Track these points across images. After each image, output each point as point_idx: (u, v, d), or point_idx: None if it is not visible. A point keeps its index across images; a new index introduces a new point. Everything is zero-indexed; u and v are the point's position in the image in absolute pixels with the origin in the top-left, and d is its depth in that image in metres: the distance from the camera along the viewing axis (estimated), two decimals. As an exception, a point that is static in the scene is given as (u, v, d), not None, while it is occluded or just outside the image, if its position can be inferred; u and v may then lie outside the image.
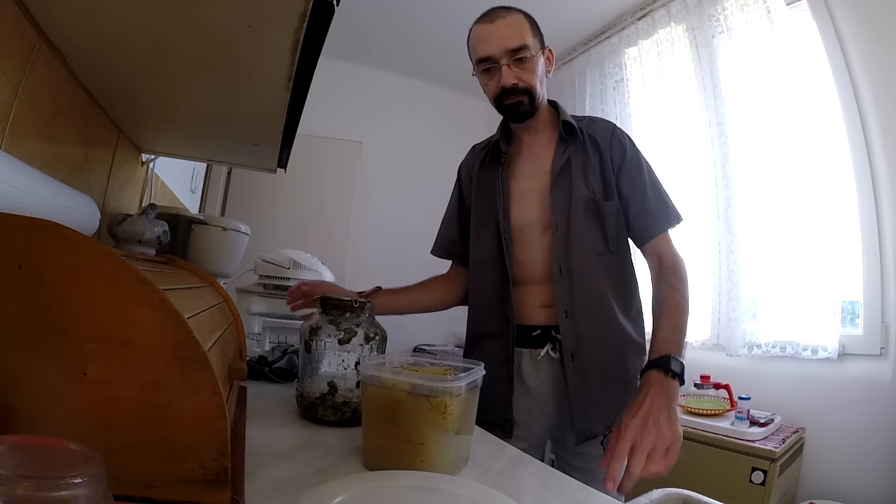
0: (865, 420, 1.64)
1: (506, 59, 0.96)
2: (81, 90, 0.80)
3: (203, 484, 0.38)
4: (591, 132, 1.05)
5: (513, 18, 0.98)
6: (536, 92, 1.01)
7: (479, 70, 1.02)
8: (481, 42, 0.99)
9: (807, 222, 1.83)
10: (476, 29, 1.01)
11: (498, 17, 0.97)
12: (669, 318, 0.87)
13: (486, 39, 0.98)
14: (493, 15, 0.99)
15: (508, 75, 0.97)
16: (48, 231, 0.37)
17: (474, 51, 1.01)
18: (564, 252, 0.99)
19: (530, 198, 1.05)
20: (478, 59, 1.00)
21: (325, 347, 0.77)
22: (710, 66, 2.21)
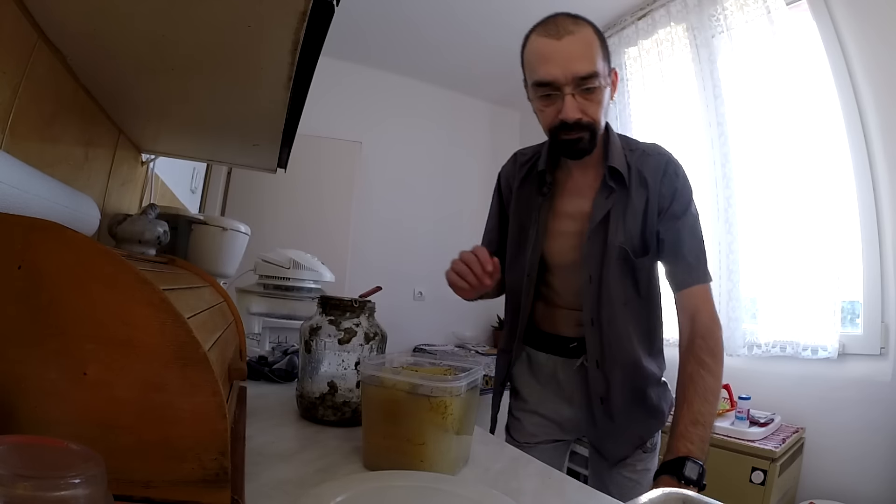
0: (865, 420, 1.64)
1: (571, 88, 0.83)
2: (81, 90, 0.80)
3: (203, 484, 0.38)
4: (641, 168, 0.93)
5: (582, 35, 0.83)
6: (599, 126, 0.88)
7: (535, 93, 0.88)
8: (544, 61, 0.83)
9: (807, 222, 1.83)
10: (537, 42, 0.85)
11: (566, 33, 0.82)
12: (692, 407, 0.78)
13: (550, 59, 0.83)
14: (558, 27, 0.83)
15: (573, 108, 0.83)
16: (48, 231, 0.37)
17: (532, 69, 0.86)
18: (596, 305, 0.94)
19: (568, 239, 0.98)
20: (537, 81, 0.85)
21: (325, 347, 0.77)
22: (710, 66, 2.21)
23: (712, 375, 0.81)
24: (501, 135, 3.92)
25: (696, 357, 0.83)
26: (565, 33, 0.82)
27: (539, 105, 0.89)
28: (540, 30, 0.87)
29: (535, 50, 0.86)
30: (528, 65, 0.89)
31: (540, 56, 0.85)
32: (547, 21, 0.87)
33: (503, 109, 3.93)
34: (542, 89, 0.85)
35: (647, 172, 0.93)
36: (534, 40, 0.87)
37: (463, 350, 3.27)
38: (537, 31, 0.87)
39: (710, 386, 0.80)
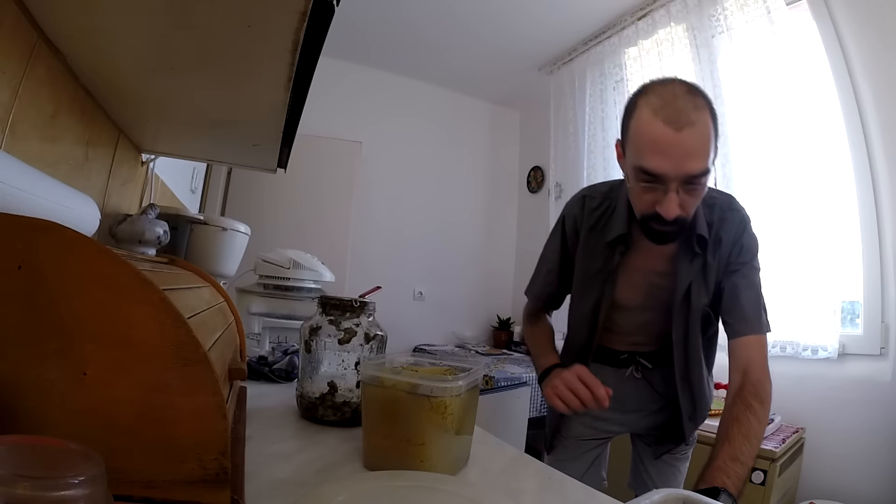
0: (865, 420, 1.64)
1: (678, 184, 0.78)
2: (81, 90, 0.80)
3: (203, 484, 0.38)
4: (720, 229, 0.93)
5: (702, 126, 0.76)
6: (691, 216, 0.84)
7: (635, 176, 0.82)
8: (657, 152, 0.77)
9: (807, 222, 1.83)
10: (653, 126, 0.77)
11: (686, 123, 0.75)
12: (734, 444, 0.78)
13: (664, 153, 0.76)
14: (679, 115, 0.75)
15: (674, 205, 0.78)
16: (48, 231, 0.37)
17: (640, 153, 0.79)
18: (685, 365, 0.99)
19: (638, 288, 1.00)
20: (644, 170, 0.79)
21: (325, 347, 0.77)
22: (710, 66, 2.21)
23: (757, 420, 0.81)
24: (501, 135, 3.92)
25: (745, 401, 0.83)
26: (686, 124, 0.75)
27: (637, 188, 0.83)
28: (658, 107, 0.77)
29: (648, 134, 0.78)
30: (636, 144, 0.81)
31: (653, 145, 0.77)
32: (665, 96, 0.77)
33: (503, 109, 3.93)
34: (645, 176, 0.80)
35: (724, 233, 0.92)
36: (649, 120, 0.77)
37: (463, 350, 3.27)
38: (654, 109, 0.77)
39: (754, 428, 0.80)
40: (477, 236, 3.77)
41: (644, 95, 0.81)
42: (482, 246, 3.77)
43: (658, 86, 0.81)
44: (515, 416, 2.34)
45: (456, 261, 3.64)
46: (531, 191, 3.74)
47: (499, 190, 3.86)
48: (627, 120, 0.84)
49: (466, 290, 3.65)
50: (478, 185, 3.82)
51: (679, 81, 0.81)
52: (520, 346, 3.29)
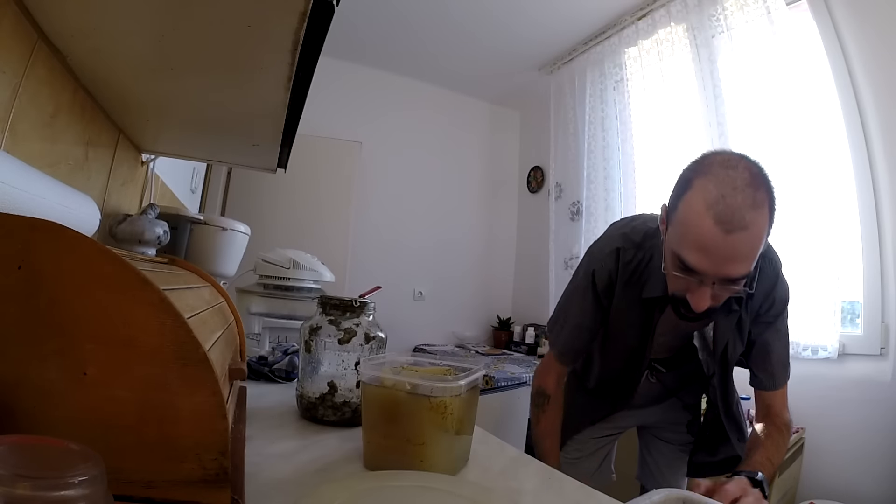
0: (865, 420, 1.64)
1: (714, 282, 0.74)
2: (81, 90, 0.80)
3: (203, 484, 0.38)
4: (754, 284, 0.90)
5: (756, 229, 0.69)
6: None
7: (673, 261, 0.78)
8: (700, 250, 0.72)
9: (807, 222, 1.83)
10: (703, 222, 0.70)
11: (739, 228, 0.68)
12: (767, 450, 0.87)
13: (708, 252, 0.71)
14: (733, 217, 0.68)
15: (705, 300, 0.75)
16: (48, 231, 0.37)
17: (683, 243, 0.74)
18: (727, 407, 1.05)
19: (672, 338, 1.02)
20: (683, 262, 0.75)
21: (325, 347, 0.77)
22: (710, 66, 2.21)
23: (784, 440, 0.92)
24: (501, 135, 3.92)
25: (774, 424, 0.94)
26: (739, 228, 0.68)
27: (672, 273, 0.79)
28: (712, 201, 0.70)
29: (695, 228, 0.72)
30: (680, 230, 0.75)
31: (697, 242, 0.72)
32: (724, 186, 0.70)
33: (503, 109, 3.93)
34: (681, 266, 0.76)
35: (758, 285, 0.88)
36: (699, 213, 0.71)
37: (463, 350, 3.27)
38: (708, 201, 0.70)
39: (781, 446, 0.90)
40: (477, 236, 3.77)
41: (701, 176, 0.73)
42: (482, 246, 3.77)
43: (719, 168, 0.72)
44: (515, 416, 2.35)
45: (456, 261, 3.64)
46: (531, 191, 3.74)
47: (499, 190, 3.86)
48: (678, 196, 0.76)
49: (466, 290, 3.65)
50: (478, 185, 3.82)
51: (743, 165, 0.72)
52: (520, 346, 3.29)
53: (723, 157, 0.74)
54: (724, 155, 0.75)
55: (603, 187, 2.75)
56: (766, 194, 0.71)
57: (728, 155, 0.75)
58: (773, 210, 0.72)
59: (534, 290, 3.44)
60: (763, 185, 0.71)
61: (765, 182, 0.71)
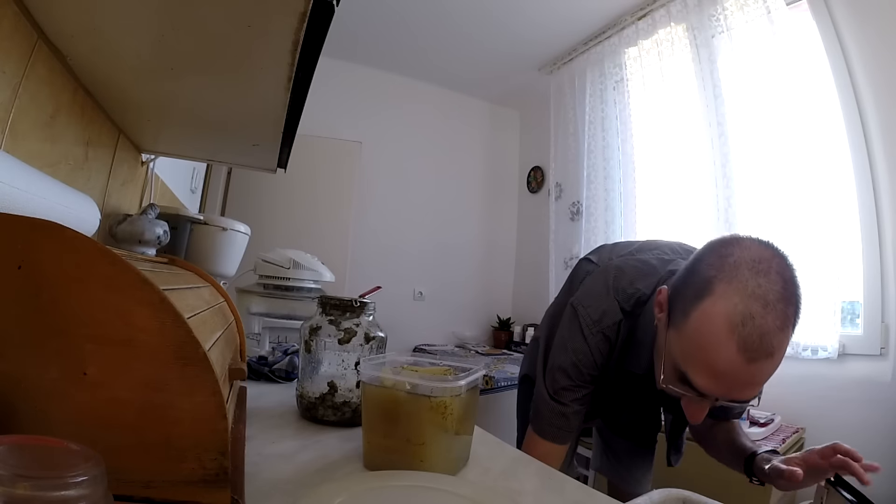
0: (865, 420, 1.64)
1: (719, 399, 0.65)
2: (81, 90, 0.80)
3: (203, 484, 0.38)
4: None
5: (781, 353, 0.60)
6: None
7: (673, 375, 0.67)
8: (712, 376, 0.61)
9: (807, 222, 1.83)
10: (722, 343, 0.59)
11: (765, 356, 0.58)
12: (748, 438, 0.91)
13: (721, 380, 0.61)
14: (762, 345, 0.58)
15: (703, 413, 0.67)
16: (48, 231, 0.37)
17: (689, 361, 0.64)
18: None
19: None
20: (688, 381, 0.64)
21: (325, 347, 0.77)
22: (710, 66, 2.21)
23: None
24: (501, 135, 3.92)
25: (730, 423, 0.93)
26: (764, 356, 0.58)
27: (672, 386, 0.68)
28: (739, 321, 0.58)
29: (714, 353, 0.60)
30: (690, 345, 0.63)
31: (713, 369, 0.61)
32: (753, 303, 0.58)
33: (503, 109, 3.93)
34: (686, 385, 0.65)
35: None
36: (720, 335, 0.59)
37: (463, 350, 3.27)
38: (732, 321, 0.58)
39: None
40: (477, 236, 3.77)
41: (725, 281, 0.61)
42: (482, 246, 3.77)
43: (748, 272, 0.60)
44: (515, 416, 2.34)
45: (456, 261, 3.64)
46: (531, 191, 3.74)
47: (499, 190, 3.86)
48: (694, 298, 0.63)
49: (466, 290, 3.65)
50: (478, 185, 3.82)
51: (776, 268, 0.60)
52: (520, 346, 3.29)
53: (752, 256, 0.61)
54: (752, 250, 0.62)
55: (603, 187, 2.75)
56: (796, 306, 0.60)
57: (757, 250, 0.62)
58: (798, 321, 0.61)
59: (534, 290, 3.44)
60: (794, 292, 0.60)
61: (796, 288, 0.61)
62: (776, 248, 0.63)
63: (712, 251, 0.66)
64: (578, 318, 0.86)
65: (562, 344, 0.88)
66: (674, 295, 0.69)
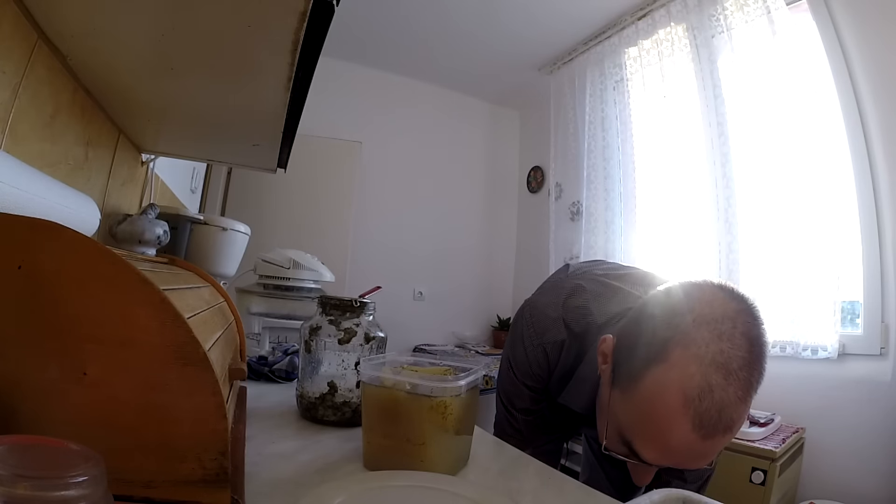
0: (865, 420, 1.64)
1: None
2: (81, 90, 0.80)
3: (203, 484, 0.38)
4: None
5: (739, 426, 0.53)
6: None
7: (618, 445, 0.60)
8: (663, 452, 0.55)
9: (807, 222, 1.83)
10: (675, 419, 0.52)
11: (723, 431, 0.52)
12: None
13: (673, 455, 0.55)
14: (720, 412, 0.51)
15: (649, 477, 0.61)
16: (48, 231, 0.37)
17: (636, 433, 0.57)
18: None
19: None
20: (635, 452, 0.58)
21: (325, 347, 0.77)
22: (710, 66, 2.21)
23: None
24: (501, 135, 3.92)
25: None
26: (721, 432, 0.52)
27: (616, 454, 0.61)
28: (695, 395, 0.51)
29: (665, 429, 0.53)
30: (639, 418, 0.56)
31: (664, 446, 0.54)
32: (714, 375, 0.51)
33: (503, 109, 3.93)
34: (631, 454, 0.59)
35: None
36: (675, 411, 0.51)
37: (463, 350, 3.27)
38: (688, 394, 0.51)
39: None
40: (477, 236, 3.77)
41: (682, 345, 0.53)
42: (482, 246, 3.77)
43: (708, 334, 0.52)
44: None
45: (456, 261, 3.64)
46: (531, 191, 3.74)
47: (499, 190, 3.86)
48: (647, 360, 0.55)
49: (466, 290, 3.65)
50: (478, 184, 3.81)
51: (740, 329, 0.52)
52: (520, 346, 3.29)
53: (714, 314, 0.53)
54: (714, 306, 0.54)
55: (603, 187, 2.75)
56: (760, 370, 0.53)
57: (720, 305, 0.54)
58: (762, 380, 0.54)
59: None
60: (761, 353, 0.53)
61: (762, 348, 0.53)
62: (742, 299, 0.55)
63: (668, 305, 0.57)
64: (523, 324, 0.82)
65: (510, 344, 0.85)
66: (620, 349, 0.61)
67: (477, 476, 0.63)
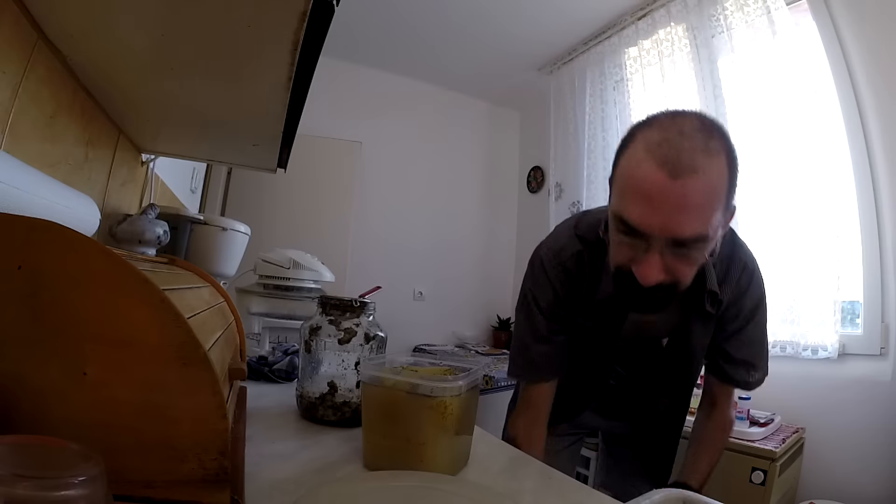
0: (865, 420, 1.64)
1: (663, 245, 0.61)
2: (81, 90, 0.80)
3: (203, 484, 0.38)
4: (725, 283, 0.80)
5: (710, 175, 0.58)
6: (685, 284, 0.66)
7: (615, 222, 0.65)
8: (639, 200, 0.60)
9: (807, 222, 1.83)
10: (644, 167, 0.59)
11: (688, 171, 0.57)
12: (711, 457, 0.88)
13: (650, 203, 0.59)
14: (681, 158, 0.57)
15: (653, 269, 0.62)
16: (48, 231, 0.37)
17: (622, 197, 0.63)
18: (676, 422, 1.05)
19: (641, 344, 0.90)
20: (622, 219, 0.63)
21: (325, 347, 0.77)
22: (710, 66, 2.21)
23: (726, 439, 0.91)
24: (501, 135, 3.92)
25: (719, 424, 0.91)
26: (687, 170, 0.56)
27: (615, 237, 0.66)
28: (655, 144, 0.59)
29: (635, 175, 0.60)
30: (620, 184, 0.64)
31: (638, 191, 0.60)
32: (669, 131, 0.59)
33: (503, 109, 3.93)
34: (623, 227, 0.63)
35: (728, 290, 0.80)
36: (640, 158, 0.60)
37: (463, 350, 3.27)
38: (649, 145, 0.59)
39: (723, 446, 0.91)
40: (477, 236, 3.77)
41: (645, 127, 0.63)
42: (482, 246, 3.77)
43: (665, 117, 0.62)
44: (515, 416, 2.34)
45: (456, 261, 3.64)
46: (531, 191, 3.74)
47: (499, 190, 3.86)
48: (620, 152, 0.65)
49: (466, 290, 3.65)
50: (478, 184, 3.81)
51: (694, 115, 0.61)
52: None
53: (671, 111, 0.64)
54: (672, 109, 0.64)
55: (603, 187, 2.75)
56: (722, 143, 0.59)
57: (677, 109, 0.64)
58: (735, 167, 0.61)
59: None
60: (718, 133, 0.60)
61: (719, 130, 0.61)
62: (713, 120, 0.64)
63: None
64: (540, 258, 0.86)
65: (529, 276, 0.88)
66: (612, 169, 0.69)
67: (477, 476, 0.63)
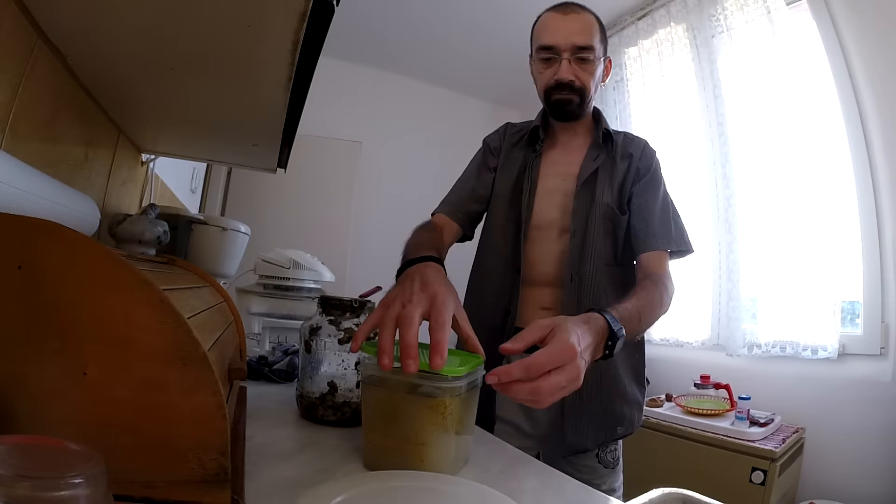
0: (865, 420, 1.64)
1: (568, 54, 0.96)
2: (81, 90, 0.80)
3: (203, 484, 0.38)
4: (625, 145, 1.06)
5: (585, 17, 0.98)
6: (589, 95, 1.00)
7: (537, 57, 1.01)
8: (548, 30, 0.98)
9: (807, 222, 1.83)
10: (546, 16, 1.01)
11: (571, 11, 0.98)
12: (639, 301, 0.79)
13: (554, 29, 0.97)
14: (566, 7, 0.99)
15: (567, 70, 0.96)
16: (48, 231, 0.37)
17: (538, 37, 1.01)
18: (578, 259, 0.98)
19: (554, 197, 1.04)
20: (540, 45, 0.99)
21: (325, 347, 0.77)
22: (710, 66, 2.21)
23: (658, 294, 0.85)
24: (501, 135, 3.92)
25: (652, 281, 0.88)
26: (571, 12, 0.97)
27: (539, 68, 1.02)
28: (551, 8, 1.01)
29: (543, 22, 1.01)
30: (536, 34, 1.02)
31: (545, 26, 0.99)
32: (559, 3, 1.01)
33: (503, 109, 3.92)
34: (543, 52, 0.99)
35: (631, 148, 1.05)
36: (544, 16, 1.02)
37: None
38: (549, 9, 1.01)
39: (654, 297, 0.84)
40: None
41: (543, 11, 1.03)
42: (482, 246, 3.77)
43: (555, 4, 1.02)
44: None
45: (456, 260, 3.62)
46: (531, 191, 3.74)
47: (499, 190, 3.85)
48: (532, 32, 1.04)
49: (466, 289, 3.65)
50: (478, 185, 3.81)
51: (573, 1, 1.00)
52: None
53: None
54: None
55: (603, 187, 2.75)
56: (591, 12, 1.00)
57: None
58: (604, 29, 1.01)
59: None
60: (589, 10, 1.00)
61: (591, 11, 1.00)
62: None
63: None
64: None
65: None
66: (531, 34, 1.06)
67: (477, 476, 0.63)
